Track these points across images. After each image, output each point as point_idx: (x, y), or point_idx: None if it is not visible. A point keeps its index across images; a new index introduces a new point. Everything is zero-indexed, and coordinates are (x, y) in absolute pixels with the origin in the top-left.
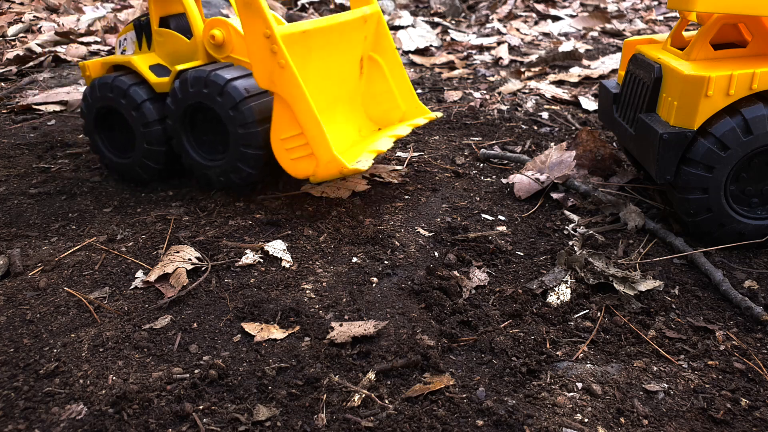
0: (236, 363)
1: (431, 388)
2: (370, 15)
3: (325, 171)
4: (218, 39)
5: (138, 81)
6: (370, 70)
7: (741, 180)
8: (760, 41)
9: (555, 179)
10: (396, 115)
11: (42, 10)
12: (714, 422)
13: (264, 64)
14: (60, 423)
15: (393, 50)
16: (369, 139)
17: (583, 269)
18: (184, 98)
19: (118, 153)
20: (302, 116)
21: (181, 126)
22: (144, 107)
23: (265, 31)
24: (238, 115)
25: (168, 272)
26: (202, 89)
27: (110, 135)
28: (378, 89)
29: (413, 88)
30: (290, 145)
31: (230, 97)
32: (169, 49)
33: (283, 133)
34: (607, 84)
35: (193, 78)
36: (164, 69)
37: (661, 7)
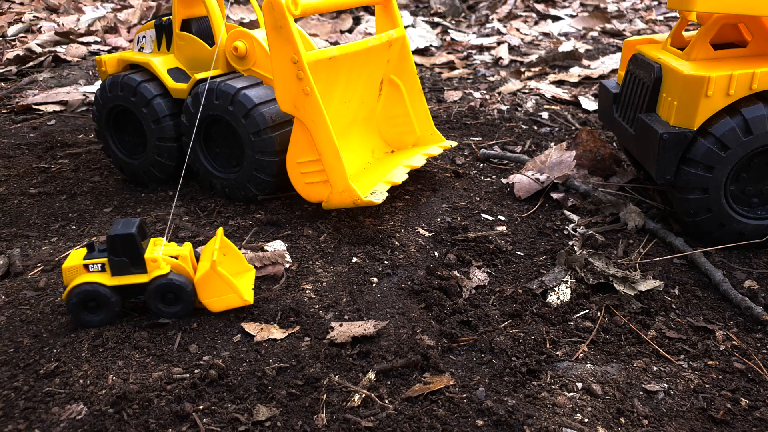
0: (236, 363)
1: (431, 388)
2: (396, 39)
3: (338, 199)
4: (241, 51)
5: (148, 78)
6: (388, 92)
7: (741, 180)
8: (760, 41)
9: (555, 179)
10: (410, 139)
11: (42, 10)
12: (714, 422)
13: (288, 88)
14: (60, 423)
15: (414, 74)
16: (383, 164)
17: (583, 269)
18: (207, 107)
19: (131, 154)
20: (321, 144)
21: (197, 141)
22: (154, 103)
23: (293, 57)
24: (250, 122)
25: None
26: (227, 106)
27: (122, 136)
28: (395, 112)
29: (430, 114)
30: (306, 169)
31: (255, 122)
32: (189, 53)
33: (300, 156)
34: (607, 84)
35: (221, 91)
36: (183, 74)
37: (661, 7)
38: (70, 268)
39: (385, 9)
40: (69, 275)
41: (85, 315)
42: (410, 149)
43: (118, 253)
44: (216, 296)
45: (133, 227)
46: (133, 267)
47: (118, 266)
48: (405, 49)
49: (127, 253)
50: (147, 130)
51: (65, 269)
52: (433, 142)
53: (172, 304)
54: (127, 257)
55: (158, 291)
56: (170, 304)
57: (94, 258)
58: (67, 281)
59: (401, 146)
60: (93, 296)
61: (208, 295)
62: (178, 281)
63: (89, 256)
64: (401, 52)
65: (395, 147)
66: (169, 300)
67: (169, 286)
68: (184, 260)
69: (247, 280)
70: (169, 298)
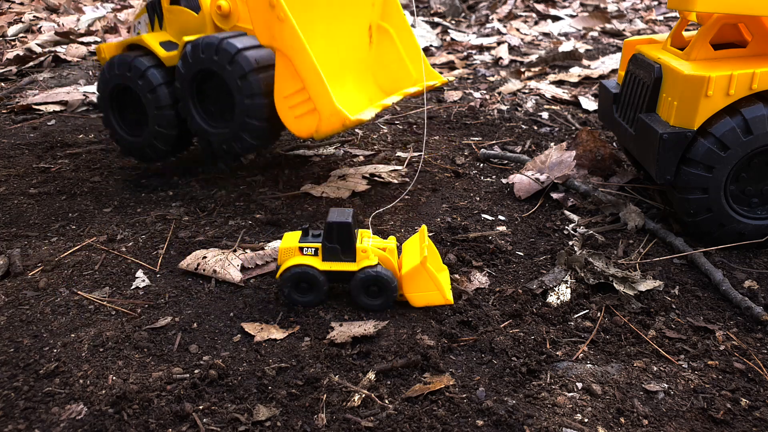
0: (236, 363)
1: (431, 388)
2: None
3: (328, 125)
4: (224, 9)
5: (155, 63)
6: (379, 39)
7: (741, 180)
8: (760, 41)
9: (555, 179)
10: (407, 83)
11: (42, 10)
12: (714, 422)
13: (264, 19)
14: (60, 423)
15: (402, 17)
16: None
17: (583, 269)
18: (194, 63)
19: (130, 131)
20: (303, 69)
21: (189, 91)
22: (159, 90)
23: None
24: (245, 85)
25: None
26: (212, 56)
27: (123, 112)
28: (388, 58)
29: (423, 54)
30: (293, 101)
31: (240, 66)
32: (179, 25)
33: (285, 90)
34: (607, 84)
35: (205, 44)
36: (174, 45)
37: (661, 7)
38: (286, 250)
39: None
40: (284, 256)
41: (296, 295)
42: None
43: (332, 240)
44: (420, 291)
45: (350, 216)
46: (343, 255)
47: (330, 252)
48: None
49: (340, 240)
50: (149, 116)
51: (282, 249)
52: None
53: (374, 296)
54: (339, 244)
55: (364, 282)
56: (373, 296)
57: (309, 242)
58: (281, 261)
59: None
60: (305, 278)
61: (412, 289)
62: (386, 275)
63: (304, 240)
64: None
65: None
66: (372, 293)
67: (376, 279)
68: (391, 253)
69: (445, 279)
70: (372, 290)
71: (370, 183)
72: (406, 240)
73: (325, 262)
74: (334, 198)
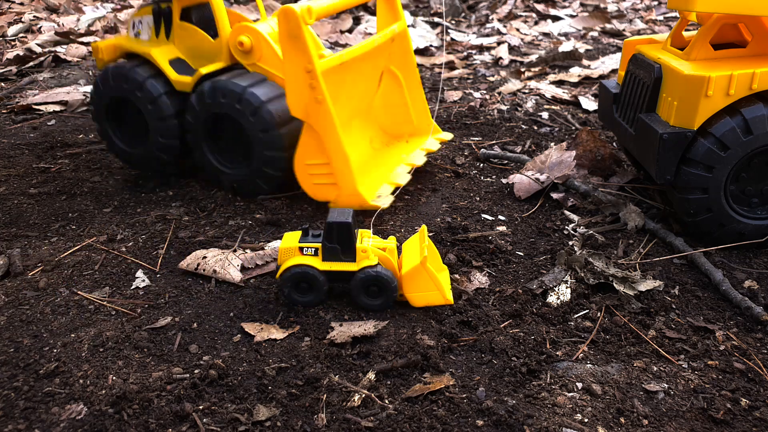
0: (236, 363)
1: (431, 388)
2: (399, 33)
3: (346, 201)
4: (246, 46)
5: (154, 73)
6: (387, 83)
7: (741, 180)
8: (760, 41)
9: (555, 179)
10: (407, 128)
11: (42, 10)
12: (714, 422)
13: (300, 95)
14: (60, 423)
15: (413, 67)
16: (383, 158)
17: (583, 269)
18: (202, 110)
19: (129, 143)
20: (332, 150)
21: (204, 139)
22: (161, 101)
23: (307, 66)
24: (258, 120)
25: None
26: (220, 99)
27: (121, 124)
28: (393, 102)
29: (428, 106)
30: (314, 171)
31: (249, 103)
32: (191, 44)
33: (308, 159)
34: (607, 84)
35: (210, 89)
36: (185, 65)
37: (661, 7)
38: (286, 250)
39: (387, 2)
40: (284, 256)
41: (296, 295)
42: (407, 140)
43: (332, 240)
44: (420, 291)
45: (350, 216)
46: (343, 255)
47: (330, 252)
48: (406, 41)
49: (340, 240)
50: (150, 127)
51: (282, 249)
52: (429, 133)
53: (374, 296)
54: (339, 244)
55: (364, 282)
56: (373, 296)
57: (309, 242)
58: (281, 261)
59: (398, 134)
60: (305, 278)
61: (412, 289)
62: (386, 275)
63: (304, 240)
64: (402, 45)
65: (392, 135)
66: (372, 293)
67: (376, 279)
68: (391, 253)
69: (444, 279)
70: (372, 290)
71: None
72: (406, 240)
73: (325, 262)
74: None
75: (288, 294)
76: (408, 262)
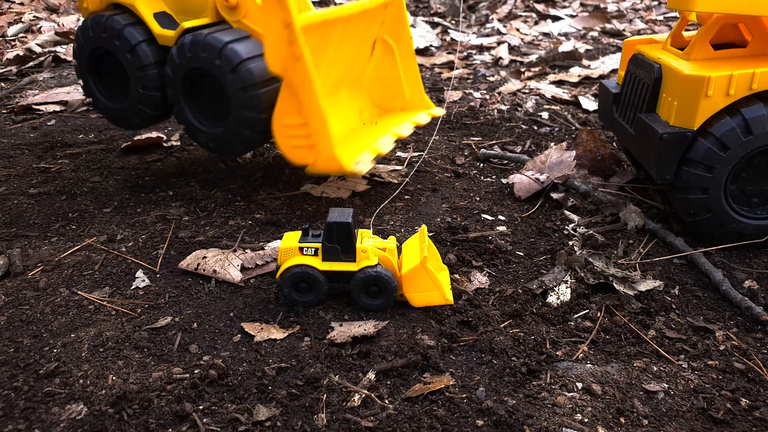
0: (236, 363)
1: (431, 388)
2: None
3: (323, 165)
4: (232, 2)
5: (133, 21)
6: (380, 53)
7: (741, 180)
8: (760, 41)
9: (555, 179)
10: (399, 102)
11: (42, 10)
12: (714, 422)
13: (278, 50)
14: (60, 423)
15: (408, 37)
16: (370, 129)
17: (583, 269)
18: (182, 64)
19: (113, 98)
20: (309, 110)
21: (182, 94)
22: (139, 49)
23: (285, 20)
24: (237, 77)
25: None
26: (200, 53)
27: (104, 79)
28: (386, 73)
29: (421, 79)
30: (292, 132)
31: (228, 59)
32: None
33: (286, 119)
34: (607, 84)
35: (190, 42)
36: (170, 19)
37: (661, 7)
38: (286, 249)
39: None
40: (284, 256)
41: (296, 295)
42: (398, 113)
43: (332, 240)
44: (420, 291)
45: (350, 216)
46: (343, 255)
47: (330, 252)
48: (401, 10)
49: (340, 240)
50: (130, 77)
51: (282, 249)
52: (422, 108)
53: (374, 296)
54: (339, 245)
55: (365, 282)
56: (373, 296)
57: (309, 242)
58: (281, 261)
59: (389, 108)
60: (305, 278)
61: (412, 289)
62: (386, 275)
63: (304, 240)
64: (397, 14)
65: (383, 109)
66: (372, 293)
67: (376, 279)
68: (391, 253)
69: (444, 279)
70: (372, 290)
71: (370, 183)
72: (406, 240)
73: (325, 262)
74: (334, 198)
75: (288, 294)
76: (408, 262)
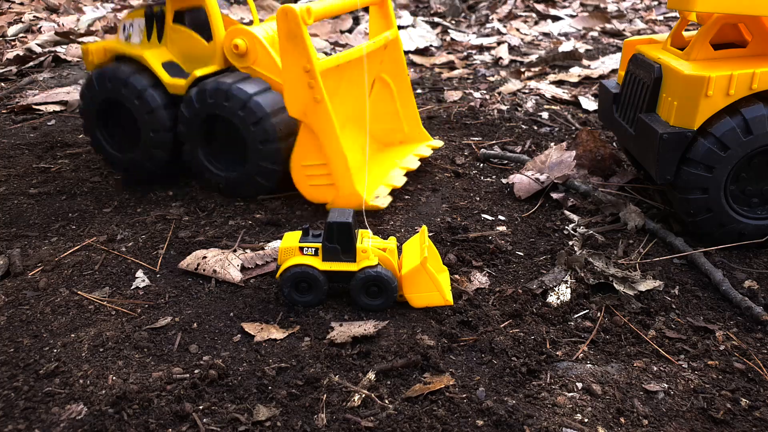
0: (236, 363)
1: (431, 388)
2: (391, 41)
3: (344, 202)
4: (241, 49)
5: (138, 69)
6: (378, 91)
7: (741, 180)
8: (760, 41)
9: (555, 179)
10: (398, 136)
11: (42, 10)
12: (714, 422)
13: (298, 95)
14: (60, 423)
15: (405, 75)
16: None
17: (583, 269)
18: (201, 109)
19: (123, 149)
20: (330, 150)
21: (197, 136)
22: (146, 94)
23: (306, 66)
24: (259, 131)
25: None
26: (222, 102)
27: (113, 131)
28: (384, 109)
29: (418, 114)
30: (311, 172)
31: (253, 113)
32: (184, 47)
33: (305, 160)
34: (607, 84)
35: (213, 90)
36: (178, 68)
37: (661, 7)
38: (286, 249)
39: (380, 9)
40: (284, 255)
41: (296, 294)
42: (398, 147)
43: (332, 240)
44: (420, 292)
45: (350, 216)
46: (344, 255)
47: (331, 252)
48: (398, 50)
49: (341, 240)
50: (140, 123)
51: (282, 249)
52: (420, 141)
53: (374, 297)
54: (340, 245)
55: (365, 282)
56: (373, 296)
57: (309, 242)
58: (281, 261)
59: (388, 143)
60: (305, 278)
61: (412, 290)
62: (386, 275)
63: (304, 239)
64: (394, 53)
65: (382, 143)
66: (372, 293)
67: (376, 279)
68: (391, 254)
69: (444, 280)
70: (372, 291)
71: None
72: (406, 240)
73: (326, 262)
74: None
75: (288, 294)
76: (408, 263)
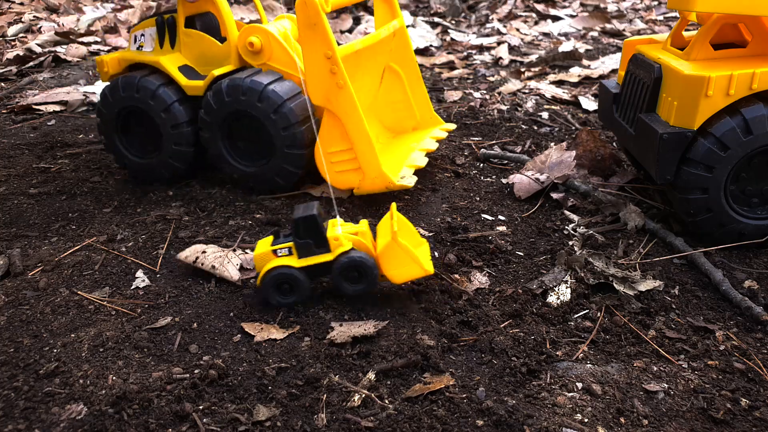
0: (236, 363)
1: (431, 388)
2: (399, 29)
3: (371, 185)
4: (257, 46)
5: (166, 81)
6: (388, 79)
7: (741, 180)
8: (760, 41)
9: (555, 179)
10: (410, 123)
11: (42, 10)
12: (714, 422)
13: (321, 82)
14: (60, 423)
15: (413, 61)
16: (395, 148)
17: (583, 269)
18: (220, 108)
19: (139, 153)
20: (355, 133)
21: (220, 136)
22: (174, 108)
23: (327, 52)
24: (280, 117)
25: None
26: (239, 97)
27: (130, 135)
28: (395, 98)
29: (429, 99)
30: (337, 158)
31: (270, 101)
32: (198, 50)
33: (331, 146)
34: (607, 84)
35: (229, 87)
36: (193, 71)
37: (661, 7)
38: (260, 256)
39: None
40: (260, 262)
41: (280, 297)
42: (413, 133)
43: (302, 236)
44: (398, 267)
45: (314, 209)
46: (317, 248)
47: (304, 248)
48: (405, 37)
49: (310, 234)
50: (164, 135)
51: (256, 257)
52: (434, 125)
53: (356, 282)
54: (311, 238)
55: (343, 269)
56: (354, 282)
57: (281, 243)
58: (258, 268)
59: (401, 131)
60: (285, 279)
61: (390, 267)
62: (361, 257)
63: (276, 242)
64: (402, 41)
65: (395, 132)
66: (352, 278)
67: (353, 263)
68: (364, 236)
69: (423, 252)
70: (353, 276)
71: None
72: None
73: (301, 259)
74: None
75: (272, 298)
76: (382, 242)
